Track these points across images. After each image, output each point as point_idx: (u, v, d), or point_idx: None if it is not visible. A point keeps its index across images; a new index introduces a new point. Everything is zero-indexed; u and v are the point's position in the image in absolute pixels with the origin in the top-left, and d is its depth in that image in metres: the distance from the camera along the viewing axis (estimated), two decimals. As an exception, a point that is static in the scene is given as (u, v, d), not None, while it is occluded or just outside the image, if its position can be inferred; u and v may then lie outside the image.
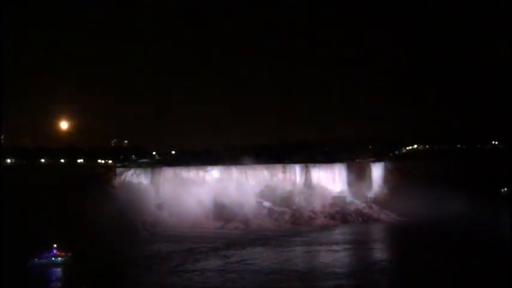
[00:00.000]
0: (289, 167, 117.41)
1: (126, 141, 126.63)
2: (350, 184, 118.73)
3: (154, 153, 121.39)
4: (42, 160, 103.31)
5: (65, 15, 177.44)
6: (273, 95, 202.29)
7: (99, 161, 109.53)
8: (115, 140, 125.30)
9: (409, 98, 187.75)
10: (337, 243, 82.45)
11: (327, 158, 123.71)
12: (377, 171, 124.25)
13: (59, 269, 64.45)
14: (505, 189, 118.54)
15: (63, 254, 66.91)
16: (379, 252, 79.31)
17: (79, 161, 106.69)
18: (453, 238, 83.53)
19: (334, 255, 72.85)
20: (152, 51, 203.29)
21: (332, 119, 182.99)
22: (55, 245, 66.78)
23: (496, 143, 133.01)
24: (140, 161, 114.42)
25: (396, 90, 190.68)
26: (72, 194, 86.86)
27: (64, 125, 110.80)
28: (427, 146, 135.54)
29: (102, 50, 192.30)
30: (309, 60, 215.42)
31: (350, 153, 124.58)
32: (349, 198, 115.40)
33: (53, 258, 66.23)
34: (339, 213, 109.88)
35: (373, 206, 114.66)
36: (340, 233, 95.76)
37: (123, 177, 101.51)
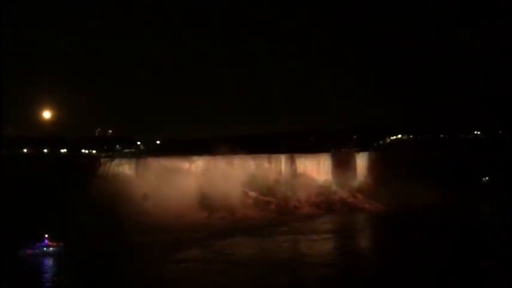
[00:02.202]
0: (274, 156, 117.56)
1: (110, 131, 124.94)
2: (335, 174, 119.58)
3: (139, 143, 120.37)
4: (25, 150, 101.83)
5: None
6: (258, 86, 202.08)
7: (83, 151, 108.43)
8: (99, 129, 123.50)
9: (393, 88, 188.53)
10: (320, 233, 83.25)
11: (312, 148, 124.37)
12: (361, 161, 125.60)
13: (50, 259, 64.39)
14: (486, 178, 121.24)
15: (54, 244, 66.78)
16: (362, 241, 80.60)
17: (62, 150, 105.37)
18: (434, 226, 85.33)
19: (317, 244, 73.79)
20: (137, 41, 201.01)
21: (316, 110, 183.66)
22: (46, 235, 66.53)
23: (478, 133, 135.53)
24: (125, 150, 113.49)
25: (380, 80, 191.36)
26: (55, 184, 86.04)
27: (47, 114, 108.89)
28: (411, 136, 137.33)
29: (86, 39, 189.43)
30: (294, 50, 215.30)
31: (335, 143, 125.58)
32: (334, 187, 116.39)
33: (45, 249, 66.17)
34: (324, 203, 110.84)
35: (358, 195, 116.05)
36: (324, 222, 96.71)
37: (107, 167, 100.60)
